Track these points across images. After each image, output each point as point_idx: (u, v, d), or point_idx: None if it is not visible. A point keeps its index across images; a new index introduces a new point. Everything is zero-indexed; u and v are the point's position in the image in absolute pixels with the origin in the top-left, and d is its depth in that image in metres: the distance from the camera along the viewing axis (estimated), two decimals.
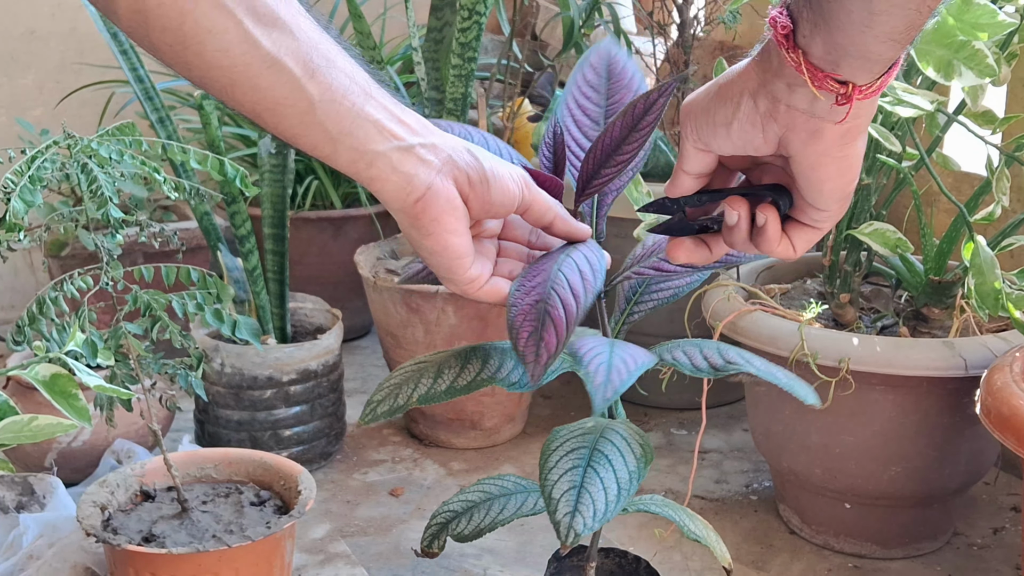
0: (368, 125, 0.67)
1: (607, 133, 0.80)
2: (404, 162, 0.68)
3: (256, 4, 0.61)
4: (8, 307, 2.31)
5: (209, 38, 0.60)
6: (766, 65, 0.63)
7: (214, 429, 1.63)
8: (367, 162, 0.68)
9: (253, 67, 0.62)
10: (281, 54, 0.62)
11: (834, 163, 0.64)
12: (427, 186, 0.69)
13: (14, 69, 2.25)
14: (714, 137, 0.67)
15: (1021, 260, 1.59)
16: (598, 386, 0.73)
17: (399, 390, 0.89)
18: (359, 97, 0.66)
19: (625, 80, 0.90)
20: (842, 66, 0.59)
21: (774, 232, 0.69)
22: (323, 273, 2.13)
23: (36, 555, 1.26)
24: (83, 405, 1.03)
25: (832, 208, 0.68)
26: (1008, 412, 1.09)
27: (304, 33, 0.63)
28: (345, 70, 0.66)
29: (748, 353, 0.87)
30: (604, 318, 0.89)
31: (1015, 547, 1.46)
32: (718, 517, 1.54)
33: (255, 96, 0.63)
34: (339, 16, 2.33)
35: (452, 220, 0.70)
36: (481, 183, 0.71)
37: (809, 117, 0.62)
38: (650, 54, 1.97)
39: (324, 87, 0.64)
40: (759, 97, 0.64)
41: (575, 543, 0.77)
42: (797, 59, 0.60)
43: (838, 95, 0.60)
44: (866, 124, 0.63)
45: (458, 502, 1.09)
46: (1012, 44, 1.22)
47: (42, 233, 1.19)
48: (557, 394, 1.98)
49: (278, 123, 0.65)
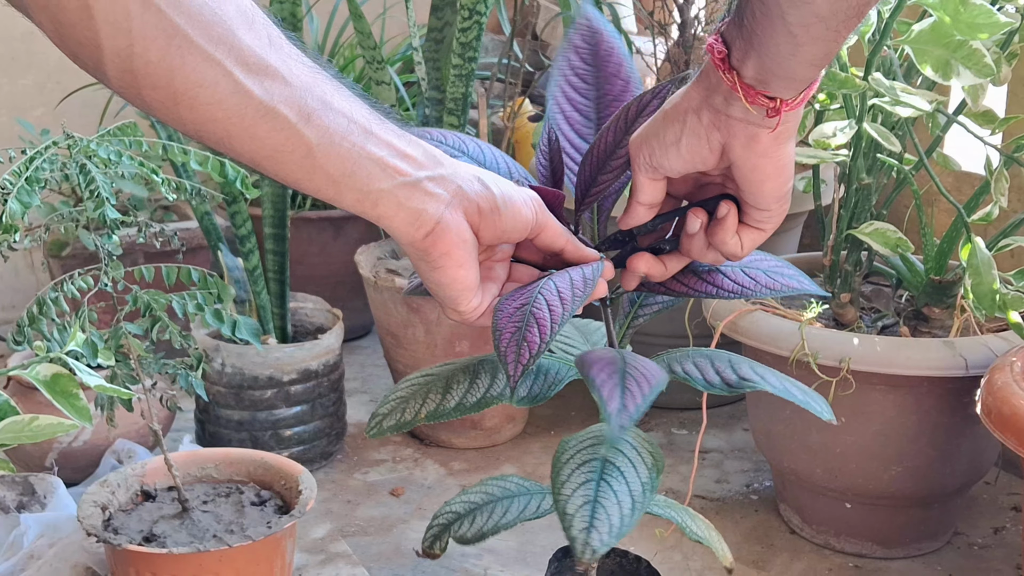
0: (370, 164, 0.66)
1: (602, 139, 0.78)
2: (411, 198, 0.68)
3: (245, 54, 0.60)
4: (9, 307, 2.32)
5: (200, 92, 0.60)
6: (706, 83, 0.70)
7: (215, 429, 1.63)
8: (372, 201, 0.67)
9: (248, 117, 0.61)
10: (275, 102, 0.62)
11: (771, 163, 0.72)
12: (436, 220, 0.68)
13: (14, 69, 2.25)
14: (666, 157, 0.73)
15: (1020, 260, 1.59)
16: (613, 413, 0.71)
17: (406, 404, 0.88)
18: (359, 136, 0.66)
19: (613, 66, 0.87)
20: (771, 85, 0.67)
21: (732, 223, 0.76)
22: (324, 273, 2.13)
23: (37, 555, 1.26)
24: (84, 405, 1.03)
25: (773, 207, 0.75)
26: (1009, 412, 1.09)
27: (297, 78, 0.63)
28: (342, 110, 0.65)
29: (762, 367, 0.86)
30: (610, 325, 0.88)
31: (1016, 547, 1.46)
32: (719, 517, 1.54)
33: (252, 146, 0.63)
34: (339, 16, 2.34)
35: (462, 253, 0.70)
36: (492, 212, 0.71)
37: (746, 124, 0.70)
38: (651, 54, 1.96)
39: (321, 131, 0.64)
40: (702, 112, 0.71)
41: (593, 560, 0.76)
42: (732, 79, 0.68)
43: (768, 108, 0.68)
44: (795, 128, 0.71)
45: (460, 503, 1.08)
46: (1012, 44, 1.22)
47: (42, 233, 1.19)
48: (558, 394, 1.97)
49: (278, 170, 0.65)
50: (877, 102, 1.24)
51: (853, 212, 1.40)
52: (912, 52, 1.17)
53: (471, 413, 0.86)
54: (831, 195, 1.46)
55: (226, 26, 0.59)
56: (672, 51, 1.91)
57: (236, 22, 0.60)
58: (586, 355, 0.79)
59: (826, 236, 1.43)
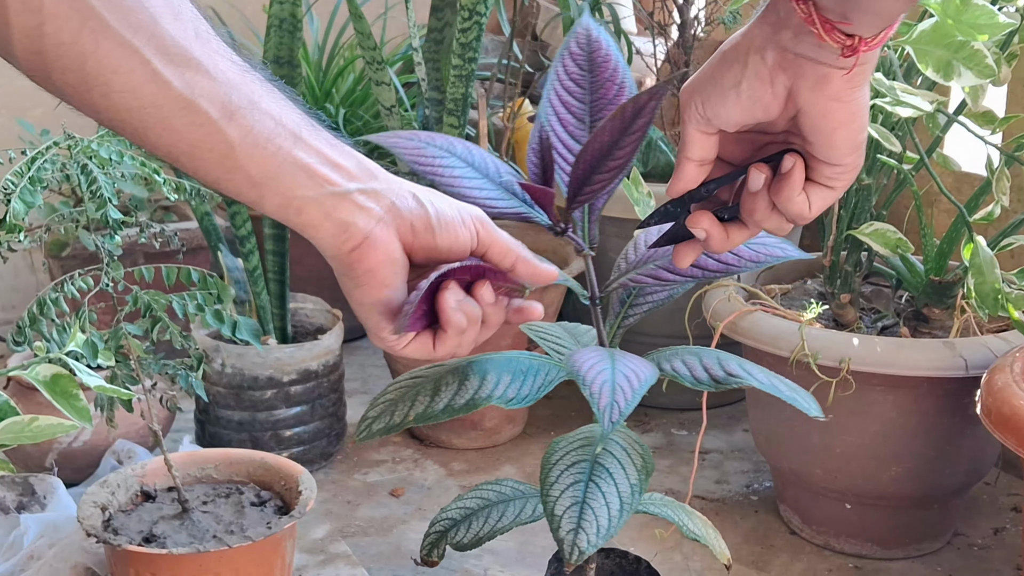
0: (296, 169, 0.63)
1: (596, 138, 0.77)
2: (339, 208, 0.65)
3: (167, 44, 0.58)
4: (9, 307, 2.31)
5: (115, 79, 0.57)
6: (772, 18, 0.64)
7: (215, 429, 1.63)
8: (296, 208, 0.64)
9: (164, 109, 0.58)
10: (195, 95, 0.59)
11: (844, 108, 0.65)
12: (365, 235, 0.65)
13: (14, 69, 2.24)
14: (723, 104, 0.67)
15: (1021, 260, 1.59)
16: (603, 409, 0.71)
17: (395, 407, 0.87)
18: (286, 140, 0.63)
19: (608, 71, 0.86)
20: (851, 18, 0.61)
21: (799, 178, 0.68)
22: (324, 273, 2.11)
23: (37, 555, 1.26)
24: (84, 405, 1.03)
25: (846, 160, 0.68)
26: (1009, 412, 1.09)
27: (222, 74, 0.60)
28: (270, 112, 0.62)
29: (749, 364, 0.86)
30: (600, 325, 0.88)
31: (1016, 547, 1.46)
32: (719, 517, 1.54)
33: (170, 139, 0.60)
34: (339, 16, 2.33)
35: (388, 273, 0.67)
36: (426, 231, 0.68)
37: (816, 64, 0.63)
38: (651, 54, 1.97)
39: (245, 130, 0.61)
40: (766, 51, 0.64)
41: (580, 561, 0.76)
42: (807, 10, 0.61)
43: (844, 46, 0.62)
44: (871, 71, 0.65)
45: (456, 509, 1.08)
46: (1012, 44, 1.23)
47: (43, 234, 1.19)
48: (557, 394, 1.97)
49: (197, 168, 0.62)
50: (878, 102, 1.24)
51: (853, 213, 1.40)
52: (913, 52, 1.17)
53: (460, 415, 0.85)
54: None
55: (148, 13, 0.57)
56: (672, 52, 1.91)
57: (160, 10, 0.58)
58: (576, 353, 0.79)
59: (826, 236, 1.43)
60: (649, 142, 1.82)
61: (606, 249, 1.69)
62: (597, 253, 0.87)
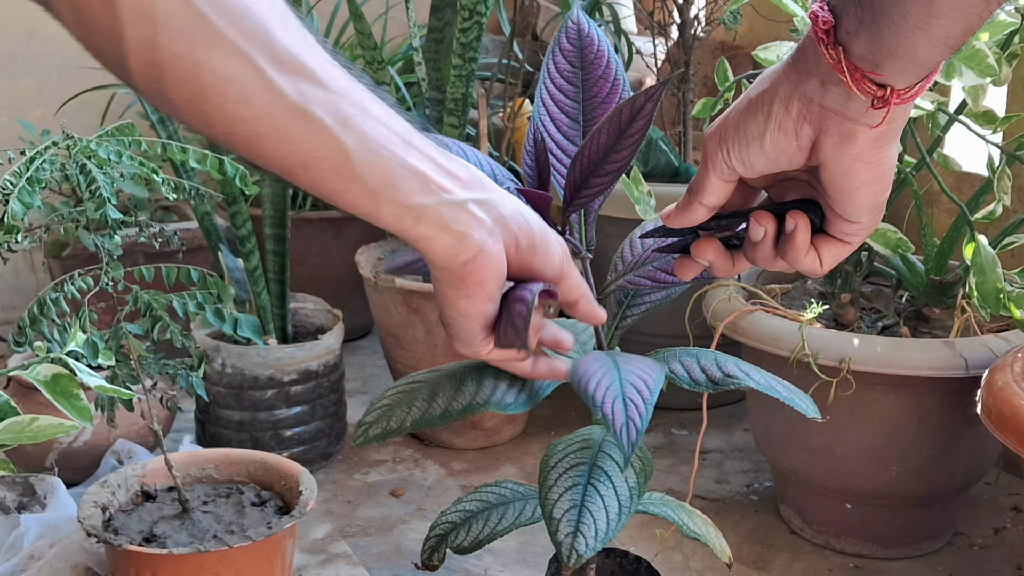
0: (412, 177, 0.61)
1: (592, 141, 0.76)
2: (457, 219, 0.63)
3: (278, 51, 0.56)
4: (9, 308, 2.31)
5: (229, 88, 0.56)
6: (800, 65, 0.61)
7: (215, 429, 1.63)
8: (415, 216, 0.62)
9: (279, 118, 0.57)
10: (309, 103, 0.58)
11: (867, 168, 0.62)
12: (480, 247, 0.64)
13: (15, 69, 2.25)
14: (747, 154, 0.65)
15: (1022, 259, 1.59)
16: (620, 429, 0.70)
17: (392, 412, 0.86)
18: (399, 147, 0.61)
19: (601, 68, 0.85)
20: (883, 67, 0.57)
21: (803, 241, 0.66)
22: (324, 273, 2.13)
23: (37, 555, 1.26)
24: (84, 405, 1.03)
25: (864, 219, 0.65)
26: (1009, 412, 1.08)
27: (333, 81, 0.59)
28: (381, 119, 0.61)
29: (747, 365, 0.85)
30: (599, 328, 0.88)
31: (1016, 547, 1.46)
32: (719, 517, 1.54)
33: (284, 150, 0.59)
34: (340, 16, 2.34)
35: (494, 286, 0.66)
36: (529, 249, 0.67)
37: (843, 119, 0.60)
38: (651, 54, 1.97)
39: (359, 136, 0.59)
40: (791, 101, 0.62)
41: (578, 564, 0.76)
42: (836, 56, 0.58)
43: (875, 98, 0.58)
44: (900, 129, 0.61)
45: (456, 512, 1.07)
46: (1012, 44, 1.23)
47: (43, 234, 1.19)
48: (557, 394, 1.97)
49: (312, 179, 0.60)
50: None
51: None
52: None
53: (457, 420, 0.84)
54: None
55: (258, 20, 0.56)
56: (672, 51, 1.91)
57: (270, 18, 0.56)
58: (579, 366, 0.78)
59: None
60: (649, 142, 1.82)
61: (605, 249, 1.68)
62: (596, 253, 0.87)
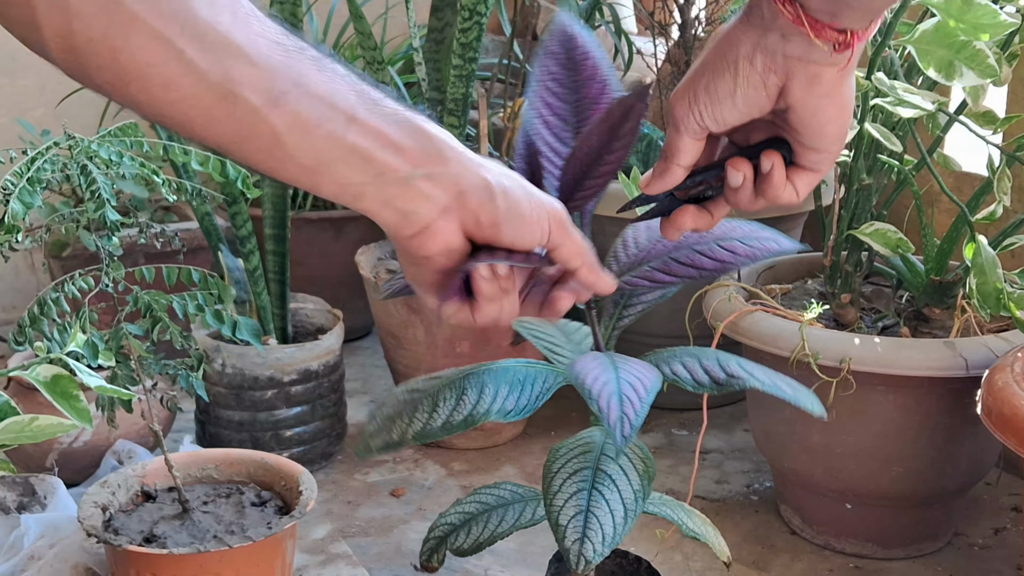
0: (350, 156, 0.59)
1: (585, 142, 0.75)
2: (398, 197, 0.61)
3: (200, 30, 0.54)
4: (9, 308, 2.31)
5: (151, 72, 0.54)
6: (756, 20, 0.64)
7: (215, 430, 1.63)
8: (354, 194, 0.61)
9: (204, 100, 0.55)
10: (235, 83, 0.55)
11: (833, 103, 0.66)
12: (425, 224, 0.62)
13: (15, 69, 2.24)
14: (719, 113, 0.68)
15: (1022, 260, 1.59)
16: (614, 424, 0.70)
17: (393, 424, 0.85)
18: (338, 124, 0.59)
19: (588, 69, 0.84)
20: (841, 16, 0.61)
21: (780, 178, 0.70)
22: (324, 273, 2.13)
23: (37, 555, 1.26)
24: (84, 406, 1.03)
25: (833, 149, 0.69)
26: (1009, 412, 1.09)
27: (265, 58, 0.56)
28: (321, 94, 0.58)
29: (750, 364, 0.85)
30: (596, 328, 0.88)
31: (1016, 547, 1.46)
32: (719, 517, 1.54)
33: (214, 131, 0.57)
34: (339, 16, 2.33)
35: (443, 260, 0.65)
36: (491, 226, 0.64)
37: (807, 63, 0.64)
38: (651, 54, 1.96)
39: (291, 116, 0.57)
40: (755, 56, 0.65)
41: (587, 571, 0.76)
42: (795, 12, 0.61)
43: (836, 43, 0.62)
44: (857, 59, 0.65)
45: (455, 514, 1.07)
46: (1013, 44, 1.23)
47: (43, 234, 1.19)
48: (557, 394, 1.97)
49: (247, 158, 0.59)
50: (879, 102, 1.24)
51: (854, 212, 1.40)
52: (915, 52, 1.17)
53: (458, 431, 0.83)
54: (832, 195, 1.46)
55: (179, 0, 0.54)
56: (672, 52, 1.91)
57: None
58: (577, 365, 0.78)
59: (826, 236, 1.43)
60: (649, 142, 1.82)
61: (605, 249, 1.68)
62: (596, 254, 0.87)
